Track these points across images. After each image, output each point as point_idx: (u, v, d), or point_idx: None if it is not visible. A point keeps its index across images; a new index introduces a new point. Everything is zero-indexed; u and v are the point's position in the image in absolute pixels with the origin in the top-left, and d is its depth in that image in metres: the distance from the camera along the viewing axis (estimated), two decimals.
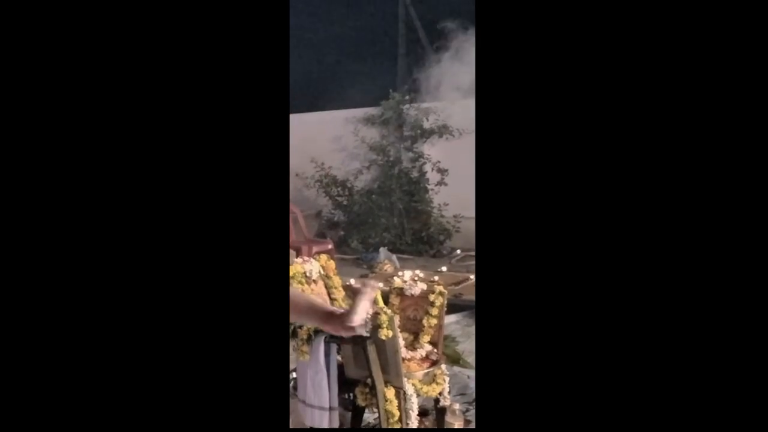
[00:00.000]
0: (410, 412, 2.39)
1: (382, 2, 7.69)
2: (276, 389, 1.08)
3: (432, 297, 2.60)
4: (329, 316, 1.46)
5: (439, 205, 7.01)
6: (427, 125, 6.97)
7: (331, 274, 2.63)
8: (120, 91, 1.07)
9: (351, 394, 2.49)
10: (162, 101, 1.08)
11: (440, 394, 2.61)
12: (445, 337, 2.87)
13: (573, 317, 1.11)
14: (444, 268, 5.04)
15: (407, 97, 6.89)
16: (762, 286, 1.06)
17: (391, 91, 6.99)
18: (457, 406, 2.71)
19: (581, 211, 1.12)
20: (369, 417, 2.69)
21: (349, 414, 2.55)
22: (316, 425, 2.30)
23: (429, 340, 2.61)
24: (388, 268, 5.26)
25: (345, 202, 7.20)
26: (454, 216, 6.86)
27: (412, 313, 2.65)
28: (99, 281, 1.05)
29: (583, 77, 1.12)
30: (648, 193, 1.10)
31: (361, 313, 1.47)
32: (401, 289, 2.69)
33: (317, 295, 2.48)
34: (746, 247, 1.07)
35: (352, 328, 1.45)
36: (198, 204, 1.07)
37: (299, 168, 6.87)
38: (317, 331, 2.34)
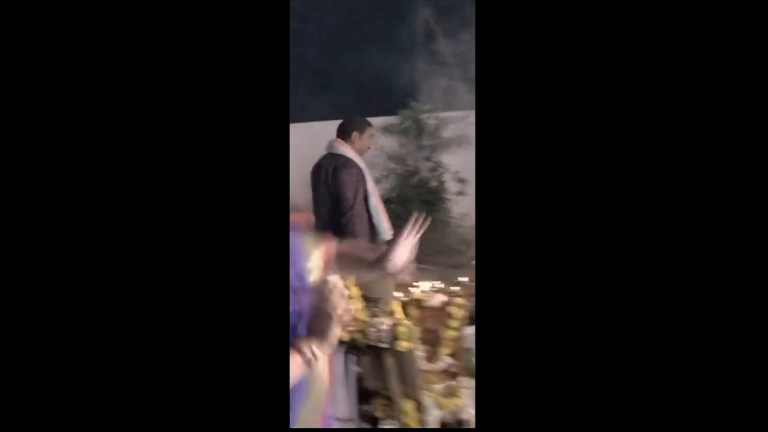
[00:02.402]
0: (429, 425, 2.38)
1: (402, 11, 7.73)
2: (276, 390, 1.09)
3: (451, 309, 2.58)
4: (370, 263, 1.51)
5: (459, 215, 6.99)
6: (446, 134, 6.95)
7: (349, 283, 2.63)
8: (118, 95, 1.08)
9: (369, 406, 2.48)
10: (166, 111, 1.09)
11: (461, 407, 2.59)
12: (466, 350, 2.85)
13: (572, 323, 1.12)
14: (466, 279, 5.01)
15: (426, 106, 6.89)
16: (762, 286, 1.06)
17: (409, 100, 7.00)
18: None
19: (581, 218, 1.13)
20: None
21: (368, 426, 2.55)
22: None
23: (448, 352, 2.59)
24: (405, 276, 5.25)
25: None
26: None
27: (432, 325, 2.64)
28: (99, 283, 1.06)
29: (583, 85, 1.13)
30: (648, 201, 1.11)
31: (401, 254, 1.49)
32: (420, 300, 2.68)
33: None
34: (746, 247, 1.07)
35: (394, 271, 1.50)
36: (202, 210, 1.09)
37: None
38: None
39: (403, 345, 2.23)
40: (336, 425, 2.31)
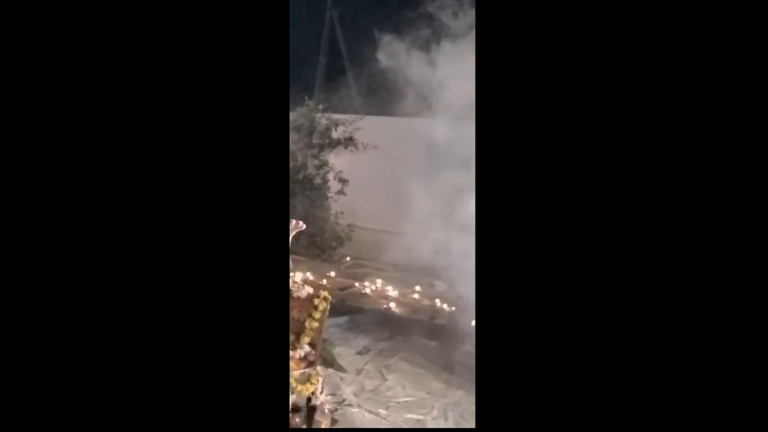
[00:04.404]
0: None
1: (307, 13, 7.79)
2: (276, 390, 1.10)
3: (317, 301, 2.76)
4: None
5: (336, 212, 7.17)
6: (334, 136, 7.12)
7: None
8: (119, 92, 1.08)
9: None
10: (165, 110, 1.11)
11: (313, 393, 2.77)
12: (324, 341, 3.04)
13: (569, 327, 1.13)
14: (332, 273, 5.24)
15: (320, 106, 7.02)
16: (762, 286, 1.06)
17: (306, 98, 7.10)
18: (327, 406, 2.89)
19: (580, 222, 1.14)
20: None
21: None
22: None
23: (309, 341, 2.77)
24: None
25: None
26: (348, 225, 7.05)
27: (297, 315, 2.79)
28: (101, 284, 1.05)
29: (584, 100, 1.15)
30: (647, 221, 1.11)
31: None
32: (291, 290, 2.83)
33: None
34: (744, 247, 1.07)
35: None
36: (203, 207, 1.10)
37: None
38: None
39: None
40: None
